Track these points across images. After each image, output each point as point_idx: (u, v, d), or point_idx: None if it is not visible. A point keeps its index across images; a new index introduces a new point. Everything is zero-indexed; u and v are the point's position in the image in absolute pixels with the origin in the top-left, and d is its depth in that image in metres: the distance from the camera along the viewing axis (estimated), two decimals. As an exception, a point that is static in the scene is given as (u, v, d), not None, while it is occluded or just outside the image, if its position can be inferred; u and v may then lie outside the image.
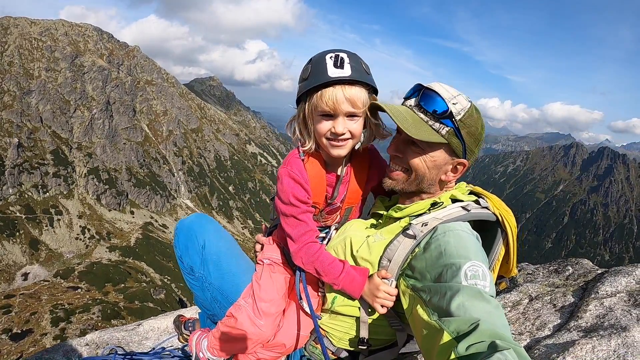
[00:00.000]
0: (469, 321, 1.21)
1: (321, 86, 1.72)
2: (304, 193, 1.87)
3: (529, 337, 2.33)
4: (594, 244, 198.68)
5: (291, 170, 1.86)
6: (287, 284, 2.14)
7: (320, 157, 1.94)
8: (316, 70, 1.74)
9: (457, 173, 1.79)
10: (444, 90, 1.66)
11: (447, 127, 1.65)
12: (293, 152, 1.94)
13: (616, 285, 2.59)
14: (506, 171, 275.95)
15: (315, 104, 1.75)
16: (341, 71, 1.70)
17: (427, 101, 1.67)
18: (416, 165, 1.75)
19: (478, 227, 1.77)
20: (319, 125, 1.79)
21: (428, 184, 1.79)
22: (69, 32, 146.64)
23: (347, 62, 1.72)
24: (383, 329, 1.86)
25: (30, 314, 69.39)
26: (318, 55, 1.78)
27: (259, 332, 1.98)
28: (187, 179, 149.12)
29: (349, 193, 2.03)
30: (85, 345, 3.50)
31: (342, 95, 1.71)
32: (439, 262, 1.52)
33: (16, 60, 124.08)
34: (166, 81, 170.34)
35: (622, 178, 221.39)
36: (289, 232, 1.90)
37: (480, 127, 1.70)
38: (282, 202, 1.89)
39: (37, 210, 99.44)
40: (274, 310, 2.04)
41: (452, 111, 1.63)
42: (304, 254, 1.87)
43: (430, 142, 1.67)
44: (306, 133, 1.88)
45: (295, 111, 1.92)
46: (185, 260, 2.25)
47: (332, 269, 1.81)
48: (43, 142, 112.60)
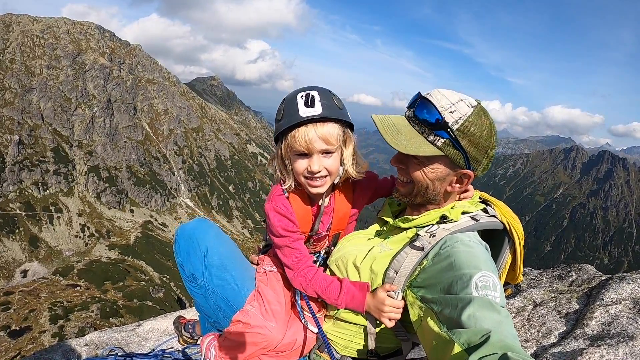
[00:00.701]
0: (480, 332, 1.20)
1: (294, 126, 1.75)
2: (291, 224, 1.92)
3: (535, 344, 2.31)
4: (593, 248, 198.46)
5: (276, 205, 1.92)
6: (290, 291, 2.13)
7: (302, 192, 1.98)
8: (288, 111, 1.78)
9: (463, 184, 1.72)
10: (442, 98, 1.60)
11: (442, 139, 1.59)
12: (276, 187, 2.00)
13: (621, 292, 2.56)
14: (506, 174, 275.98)
15: (290, 144, 1.79)
16: (312, 110, 1.72)
17: (421, 112, 1.62)
18: (417, 178, 1.72)
19: (485, 235, 1.76)
20: (296, 164, 1.83)
21: (432, 195, 1.74)
22: (71, 30, 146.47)
23: (318, 100, 1.74)
24: (388, 337, 1.84)
25: (29, 312, 69.38)
26: (290, 95, 1.82)
27: (270, 334, 1.93)
28: (187, 178, 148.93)
29: (334, 221, 2.07)
30: (84, 345, 3.48)
31: (315, 134, 1.74)
32: (448, 273, 1.50)
33: (18, 57, 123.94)
34: (167, 80, 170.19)
35: (622, 182, 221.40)
36: (285, 261, 1.95)
37: (487, 134, 1.60)
38: (273, 235, 1.96)
39: (37, 207, 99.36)
40: (284, 313, 2.02)
41: (448, 121, 1.56)
42: (302, 279, 1.92)
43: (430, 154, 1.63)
44: (285, 172, 1.92)
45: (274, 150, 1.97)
46: (186, 267, 2.20)
47: (331, 290, 1.83)
48: (44, 139, 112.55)
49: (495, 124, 1.64)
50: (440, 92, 1.63)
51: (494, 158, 1.64)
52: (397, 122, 1.71)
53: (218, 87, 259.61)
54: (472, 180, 1.72)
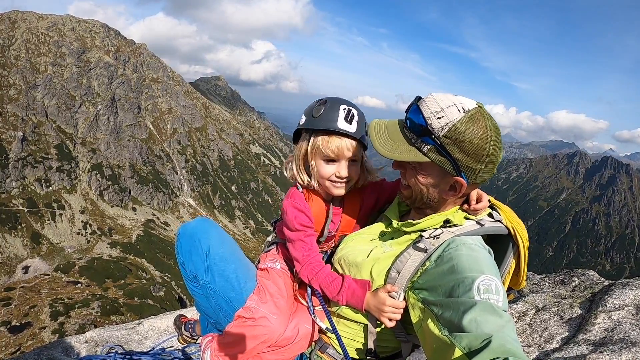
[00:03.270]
0: (481, 337, 1.19)
1: (330, 132, 1.91)
2: (308, 220, 2.02)
3: (537, 349, 2.31)
4: (595, 254, 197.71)
5: (294, 202, 2.03)
6: (292, 288, 2.17)
7: (317, 193, 2.10)
8: (327, 115, 1.91)
9: (457, 192, 1.67)
10: (433, 103, 1.57)
11: (428, 145, 1.58)
12: (294, 187, 2.12)
13: (624, 298, 2.55)
14: (509, 178, 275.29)
15: (319, 146, 1.93)
16: (349, 126, 1.89)
17: (412, 117, 1.63)
18: (412, 183, 1.73)
19: (490, 239, 1.75)
20: (322, 168, 1.97)
21: (429, 200, 1.74)
22: (77, 27, 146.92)
23: (356, 120, 1.91)
24: (388, 338, 1.84)
25: (29, 307, 69.41)
26: (332, 102, 1.96)
27: (272, 326, 1.94)
28: (190, 178, 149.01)
29: (343, 222, 2.15)
30: (84, 342, 3.48)
31: (346, 145, 1.90)
32: (450, 276, 1.49)
33: (23, 54, 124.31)
34: (172, 79, 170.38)
35: (625, 188, 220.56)
36: (295, 255, 2.02)
37: (481, 140, 1.52)
38: (289, 229, 2.05)
39: (39, 204, 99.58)
40: (286, 306, 2.05)
41: (435, 127, 1.53)
42: (308, 272, 1.97)
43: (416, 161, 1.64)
44: (306, 173, 2.07)
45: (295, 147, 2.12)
46: (188, 267, 2.19)
47: (334, 285, 1.88)
48: (47, 136, 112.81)
49: (497, 130, 1.57)
50: (434, 97, 1.59)
51: (498, 164, 1.61)
52: (390, 128, 1.74)
53: (222, 87, 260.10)
54: (465, 189, 1.65)
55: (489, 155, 1.55)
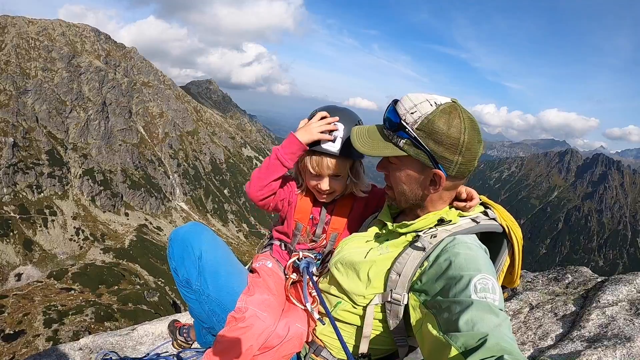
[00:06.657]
0: (477, 336, 1.20)
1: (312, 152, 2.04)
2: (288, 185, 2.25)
3: (531, 347, 2.31)
4: (588, 250, 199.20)
5: None
6: (283, 287, 2.19)
7: None
8: None
9: (438, 185, 1.65)
10: (407, 101, 1.62)
11: (403, 139, 1.62)
12: None
13: (617, 294, 2.57)
14: (501, 177, 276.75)
15: (305, 161, 2.09)
16: (332, 145, 2.01)
17: (388, 117, 1.70)
18: (394, 182, 1.77)
19: (484, 238, 1.75)
20: (308, 180, 2.15)
21: (413, 198, 1.75)
22: (67, 32, 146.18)
23: (340, 137, 2.02)
24: (384, 339, 1.80)
25: (23, 315, 68.87)
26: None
27: (263, 324, 1.93)
28: (182, 182, 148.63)
29: (333, 218, 2.25)
30: (78, 349, 3.45)
31: (326, 164, 2.03)
32: (447, 274, 1.49)
33: (13, 59, 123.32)
34: (163, 83, 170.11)
35: (616, 184, 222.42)
36: (252, 176, 2.17)
37: (456, 131, 1.55)
38: None
39: (31, 210, 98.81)
40: (276, 304, 2.06)
41: (408, 121, 1.58)
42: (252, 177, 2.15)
43: (395, 156, 1.68)
44: (300, 177, 2.24)
45: None
46: (180, 272, 2.13)
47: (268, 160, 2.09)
48: (38, 142, 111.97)
49: (472, 122, 1.59)
50: (408, 96, 1.64)
51: (478, 157, 1.62)
52: (370, 129, 1.81)
53: (213, 90, 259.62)
54: (444, 182, 1.64)
55: (464, 146, 1.56)
